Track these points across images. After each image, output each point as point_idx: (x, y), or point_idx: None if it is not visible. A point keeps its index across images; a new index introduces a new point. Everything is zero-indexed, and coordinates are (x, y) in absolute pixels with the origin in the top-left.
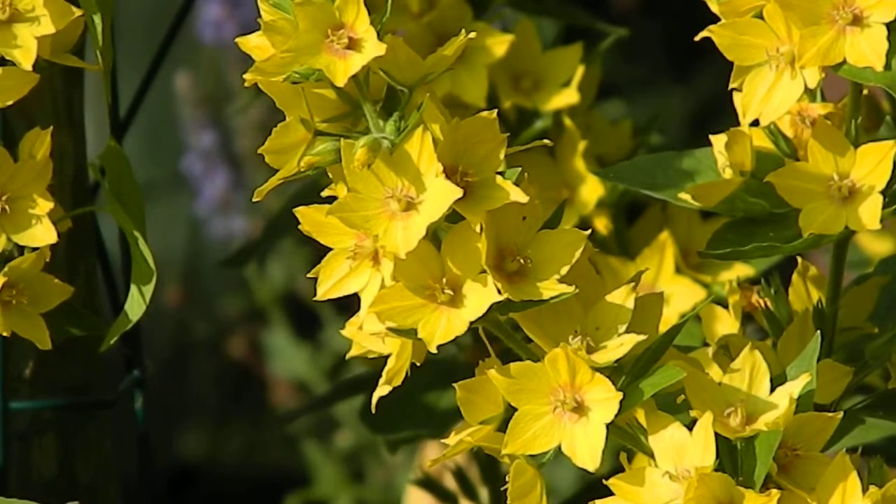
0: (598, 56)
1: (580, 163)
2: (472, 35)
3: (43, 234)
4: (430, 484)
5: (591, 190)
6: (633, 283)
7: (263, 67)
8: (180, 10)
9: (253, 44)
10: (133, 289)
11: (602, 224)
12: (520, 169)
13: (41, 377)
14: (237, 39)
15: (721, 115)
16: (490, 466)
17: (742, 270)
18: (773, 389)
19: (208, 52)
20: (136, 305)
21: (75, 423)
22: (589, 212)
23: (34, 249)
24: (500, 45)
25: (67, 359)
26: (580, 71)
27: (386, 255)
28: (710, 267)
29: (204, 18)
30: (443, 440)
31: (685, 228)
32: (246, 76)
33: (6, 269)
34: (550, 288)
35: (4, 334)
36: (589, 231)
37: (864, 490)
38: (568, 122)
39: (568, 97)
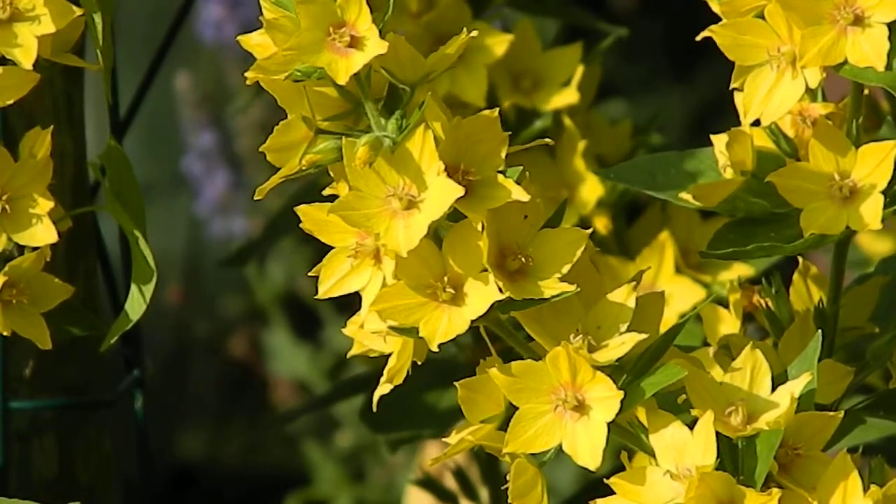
0: (597, 56)
1: (580, 162)
2: (475, 33)
3: (43, 233)
4: (430, 484)
5: (591, 190)
6: (634, 282)
7: (265, 65)
8: (180, 10)
9: (254, 42)
10: (133, 288)
11: (602, 224)
12: (521, 167)
13: (41, 377)
14: (239, 37)
15: (721, 115)
16: (490, 466)
17: (742, 270)
18: (774, 389)
19: (208, 53)
20: (136, 305)
21: (75, 423)
22: (588, 211)
23: (34, 249)
24: (499, 44)
25: (67, 359)
26: (580, 71)
27: (387, 253)
28: (710, 267)
29: (204, 18)
30: (444, 439)
31: (685, 228)
32: (248, 74)
33: (7, 268)
34: (552, 286)
35: (5, 334)
36: (590, 230)
37: (865, 489)
38: (567, 121)
39: (567, 97)
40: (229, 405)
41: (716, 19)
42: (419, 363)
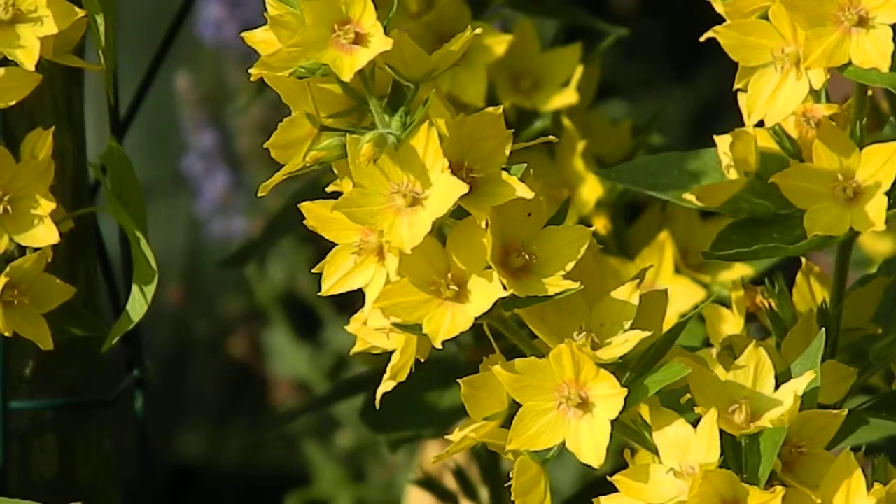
0: (597, 56)
1: (579, 162)
2: (479, 31)
3: (45, 234)
4: (430, 483)
5: (591, 189)
6: (637, 280)
7: (269, 62)
8: (180, 9)
9: (258, 38)
10: (134, 289)
11: (601, 224)
12: (525, 165)
13: (41, 377)
14: (243, 34)
15: (721, 115)
16: (490, 466)
17: (742, 270)
18: (777, 387)
19: (208, 52)
20: (137, 306)
21: (75, 422)
22: (588, 211)
23: (36, 250)
24: (499, 44)
25: (67, 359)
26: (579, 71)
27: (391, 250)
28: (710, 267)
29: (204, 18)
30: (446, 437)
31: (684, 228)
32: (252, 71)
33: (8, 269)
34: (555, 284)
35: (6, 334)
36: (593, 228)
37: (869, 488)
38: (567, 122)
39: (567, 97)
40: (229, 405)
41: (716, 19)
42: (422, 360)
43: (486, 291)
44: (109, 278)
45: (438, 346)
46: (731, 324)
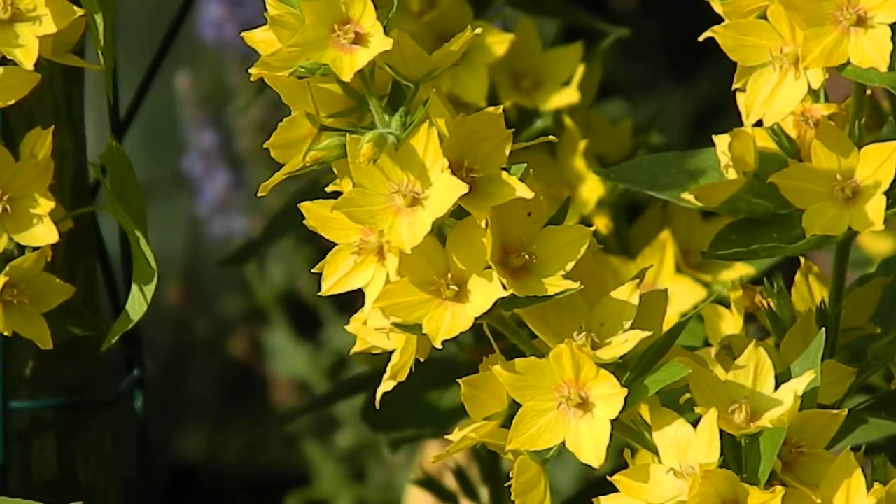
0: (598, 55)
1: (580, 162)
2: (479, 31)
3: (44, 233)
4: (430, 483)
5: (592, 189)
6: (637, 280)
7: (269, 62)
8: (181, 9)
9: (258, 38)
10: (134, 289)
11: (602, 223)
12: (525, 165)
13: (41, 377)
14: (243, 34)
15: (721, 115)
16: (490, 465)
17: (743, 270)
18: (777, 387)
19: (209, 52)
20: (137, 305)
21: (75, 422)
22: (589, 211)
23: (35, 249)
24: (500, 44)
25: (67, 359)
26: (580, 70)
27: (391, 250)
28: (711, 266)
29: (205, 18)
30: (446, 437)
31: (685, 228)
32: (252, 70)
33: (8, 268)
34: (555, 284)
35: (6, 334)
36: (593, 228)
37: (869, 488)
38: (568, 121)
39: (568, 96)
40: (229, 405)
41: (717, 19)
42: (422, 360)
43: (485, 291)
44: (109, 278)
45: (438, 346)
46: (730, 324)
